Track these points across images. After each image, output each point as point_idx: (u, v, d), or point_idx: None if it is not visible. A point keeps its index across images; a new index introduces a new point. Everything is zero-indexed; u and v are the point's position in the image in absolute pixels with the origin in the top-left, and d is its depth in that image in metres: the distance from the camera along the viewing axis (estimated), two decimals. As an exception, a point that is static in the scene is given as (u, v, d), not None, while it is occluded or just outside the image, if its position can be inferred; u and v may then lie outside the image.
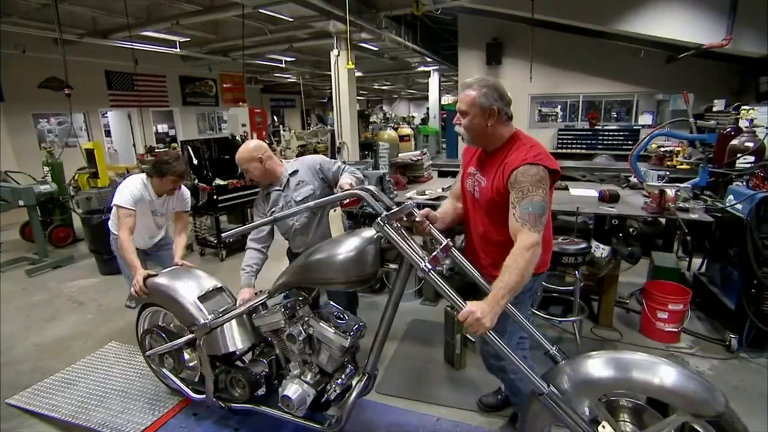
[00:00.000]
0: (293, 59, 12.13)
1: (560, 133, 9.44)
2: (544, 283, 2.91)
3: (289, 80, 16.30)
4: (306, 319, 1.89)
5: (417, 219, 1.72)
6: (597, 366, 1.37)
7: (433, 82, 14.99)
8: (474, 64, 9.52)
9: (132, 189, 2.65)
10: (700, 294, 3.33)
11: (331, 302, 2.03)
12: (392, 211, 1.61)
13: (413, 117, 18.57)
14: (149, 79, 11.48)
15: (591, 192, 3.68)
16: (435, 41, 11.02)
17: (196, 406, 2.41)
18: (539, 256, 1.55)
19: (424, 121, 17.01)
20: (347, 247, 1.70)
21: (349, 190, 1.79)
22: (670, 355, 2.92)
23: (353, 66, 7.10)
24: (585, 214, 3.17)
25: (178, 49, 9.44)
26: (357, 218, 2.28)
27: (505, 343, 1.50)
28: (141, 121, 10.82)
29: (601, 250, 3.07)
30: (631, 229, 3.43)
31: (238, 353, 2.21)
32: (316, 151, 9.34)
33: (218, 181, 4.84)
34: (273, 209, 2.42)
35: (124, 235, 2.53)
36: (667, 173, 3.87)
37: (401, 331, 3.34)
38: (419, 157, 4.41)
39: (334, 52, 8.54)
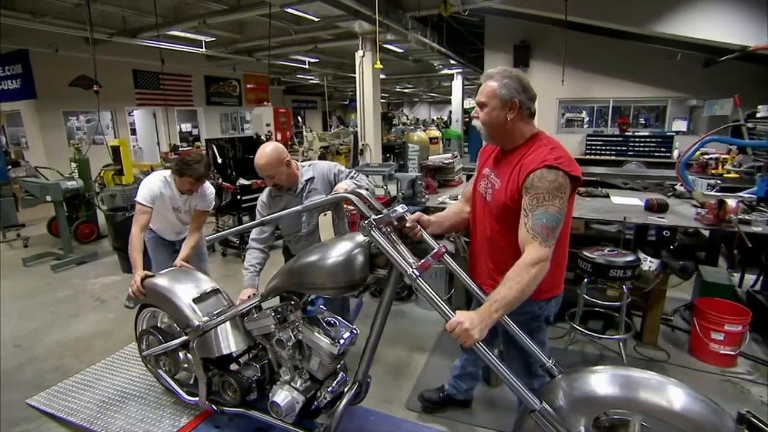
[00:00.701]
0: (317, 60, 12.09)
1: (589, 138, 9.12)
2: (585, 296, 2.77)
3: (312, 81, 16.30)
4: (296, 324, 1.85)
5: (408, 224, 1.64)
6: (596, 382, 1.29)
7: (457, 85, 14.77)
8: (500, 66, 9.30)
9: (151, 186, 2.62)
10: (757, 314, 3.05)
11: (323, 307, 1.97)
12: (381, 215, 1.55)
13: (442, 119, 18.29)
14: (175, 78, 11.59)
15: (634, 200, 3.43)
16: (460, 43, 10.83)
17: (217, 417, 2.29)
18: (545, 274, 1.41)
19: (446, 124, 16.80)
20: (336, 251, 1.64)
21: (338, 193, 1.73)
22: (726, 380, 2.67)
23: (381, 66, 6.95)
24: (623, 224, 2.92)
25: (204, 49, 9.47)
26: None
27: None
28: (166, 120, 10.90)
29: (649, 263, 2.83)
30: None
31: (234, 356, 2.15)
32: (338, 153, 9.25)
33: (242, 181, 4.75)
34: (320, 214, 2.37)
35: (136, 231, 2.53)
36: (718, 182, 3.59)
37: (431, 343, 3.16)
38: (451, 160, 4.22)
39: (359, 53, 8.44)
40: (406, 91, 21.17)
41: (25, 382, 2.79)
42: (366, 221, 1.49)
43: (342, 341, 1.75)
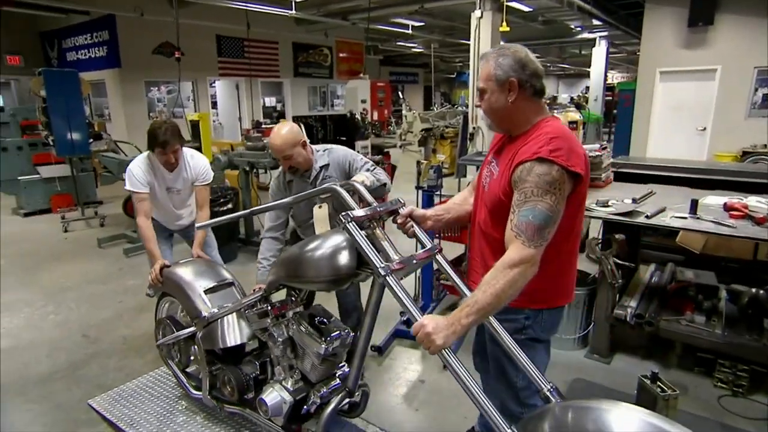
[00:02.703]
0: (422, 24, 12.00)
1: (803, 127, 7.72)
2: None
3: (414, 50, 16.29)
4: (290, 320, 2.05)
5: (398, 219, 1.76)
6: (595, 419, 1.28)
7: (599, 53, 13.63)
8: (667, 26, 8.30)
9: (137, 171, 2.88)
10: None
11: (320, 305, 2.16)
12: (366, 208, 1.69)
13: (585, 97, 17.00)
14: (260, 45, 12.34)
15: None
16: (609, -1, 9.94)
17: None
18: (528, 278, 1.45)
19: (579, 105, 15.64)
20: (322, 244, 1.82)
21: (330, 186, 1.87)
22: None
23: (508, 28, 6.59)
24: None
25: (293, 10, 9.88)
26: None
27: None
28: (250, 93, 11.66)
29: None
30: None
31: (244, 353, 2.39)
32: (443, 137, 9.05)
33: (331, 167, 4.76)
34: (316, 205, 2.55)
35: (142, 221, 2.83)
36: None
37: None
38: (598, 153, 3.76)
39: (476, 12, 8.12)
40: (529, 61, 20.22)
41: (89, 378, 3.06)
42: (343, 214, 1.60)
43: (328, 339, 1.92)
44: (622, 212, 2.94)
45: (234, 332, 2.29)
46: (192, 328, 2.46)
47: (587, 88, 15.63)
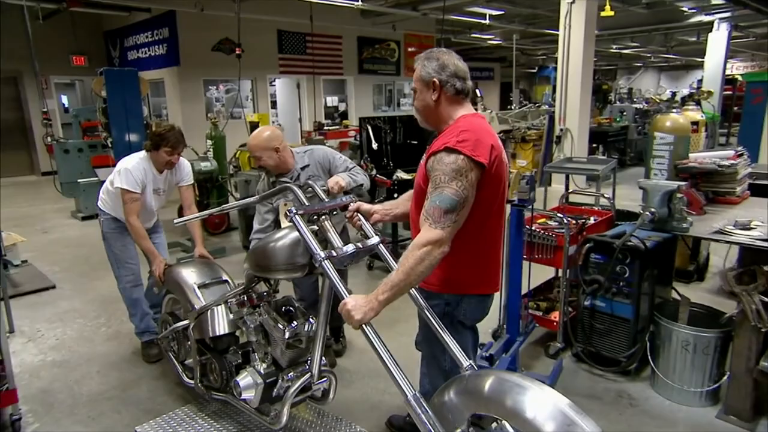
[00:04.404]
0: (501, 12, 11.73)
1: None
2: None
3: (491, 42, 15.97)
4: (261, 309, 2.46)
5: (347, 213, 2.15)
6: (481, 383, 1.57)
7: (718, 38, 12.57)
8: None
9: (134, 171, 3.23)
10: None
11: (290, 296, 2.61)
12: (313, 204, 2.11)
13: (710, 92, 15.73)
14: (323, 40, 12.57)
15: None
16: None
17: None
18: (437, 258, 1.72)
19: (684, 100, 14.62)
20: (283, 237, 2.23)
21: (286, 185, 2.31)
22: None
23: (612, 13, 6.24)
24: None
25: (360, 2, 9.95)
26: None
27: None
28: (312, 92, 11.86)
29: None
30: None
31: (236, 345, 2.77)
32: (524, 140, 8.75)
33: (401, 174, 4.68)
34: (281, 201, 2.98)
35: (134, 221, 3.23)
36: None
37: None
38: (733, 161, 3.39)
39: (569, -4, 7.81)
40: (624, 52, 19.27)
41: (137, 401, 3.13)
42: (288, 209, 1.98)
43: (292, 327, 2.31)
44: (763, 238, 2.62)
45: (221, 323, 2.69)
46: (186, 321, 2.89)
47: (699, 81, 14.55)
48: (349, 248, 1.93)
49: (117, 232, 3.50)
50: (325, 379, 2.32)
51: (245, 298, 2.50)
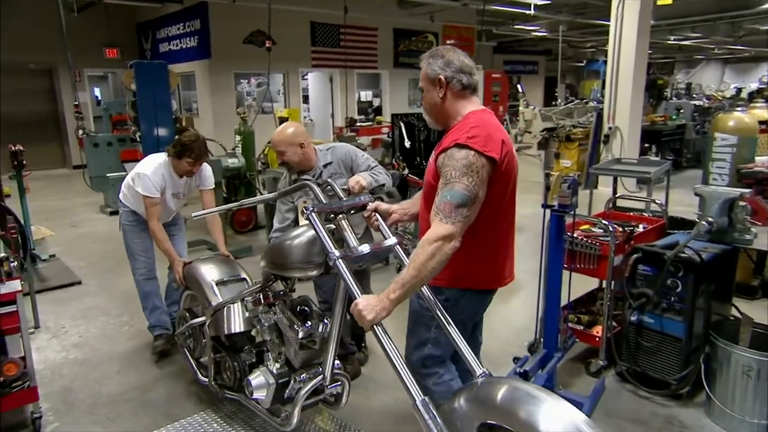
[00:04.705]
0: (547, 2, 11.51)
1: None
2: None
3: (536, 34, 15.71)
4: (276, 307, 2.52)
5: (365, 213, 2.19)
6: (493, 391, 1.59)
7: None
8: None
9: (153, 177, 3.38)
10: None
11: (306, 295, 2.63)
12: (331, 202, 2.16)
13: None
14: (358, 32, 12.59)
15: None
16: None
17: None
18: (448, 253, 1.76)
19: (751, 97, 14.05)
20: (300, 234, 2.30)
21: (304, 182, 2.35)
22: None
23: (670, 1, 6.03)
24: None
25: (397, -10, 9.93)
26: None
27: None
28: (344, 86, 11.91)
29: None
30: None
31: (252, 343, 2.82)
32: (569, 139, 8.57)
33: (433, 174, 4.62)
34: (301, 198, 3.05)
35: (155, 225, 3.39)
36: None
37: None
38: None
39: (621, -16, 7.60)
40: (684, 43, 18.63)
41: (157, 404, 3.19)
42: (304, 206, 2.06)
43: (306, 327, 2.36)
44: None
45: (237, 320, 2.75)
46: (203, 318, 2.97)
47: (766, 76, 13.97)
48: (365, 248, 1.99)
49: (134, 225, 3.67)
50: (338, 383, 2.36)
51: (261, 297, 2.56)
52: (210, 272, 3.12)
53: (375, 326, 1.72)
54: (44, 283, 5.09)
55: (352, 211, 2.19)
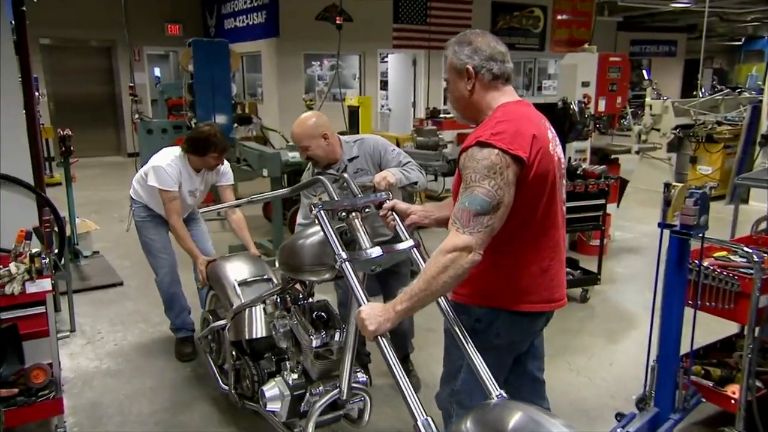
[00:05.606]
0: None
1: None
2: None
3: (675, 5, 14.92)
4: (293, 313, 2.63)
5: (381, 212, 2.29)
6: (505, 416, 1.67)
7: None
8: None
9: (169, 170, 3.61)
10: None
11: (326, 300, 2.81)
12: (344, 200, 2.30)
13: None
14: (449, 7, 12.60)
15: None
16: None
17: None
18: (464, 267, 1.79)
19: None
20: (314, 233, 2.37)
21: (317, 177, 2.53)
22: None
23: None
24: None
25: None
26: None
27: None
28: (428, 71, 11.89)
29: None
30: None
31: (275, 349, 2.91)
32: (710, 140, 8.10)
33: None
34: (324, 193, 3.16)
35: (176, 220, 3.64)
36: None
37: None
38: None
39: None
40: None
41: (187, 428, 3.33)
42: (312, 203, 2.18)
43: (321, 335, 2.46)
44: None
45: (258, 325, 2.89)
46: (224, 321, 3.16)
47: None
48: (375, 251, 2.05)
49: (148, 221, 3.94)
50: (360, 398, 2.47)
51: (278, 300, 2.71)
52: (234, 271, 3.30)
53: (379, 337, 1.79)
54: (84, 282, 5.46)
55: (367, 209, 2.27)
